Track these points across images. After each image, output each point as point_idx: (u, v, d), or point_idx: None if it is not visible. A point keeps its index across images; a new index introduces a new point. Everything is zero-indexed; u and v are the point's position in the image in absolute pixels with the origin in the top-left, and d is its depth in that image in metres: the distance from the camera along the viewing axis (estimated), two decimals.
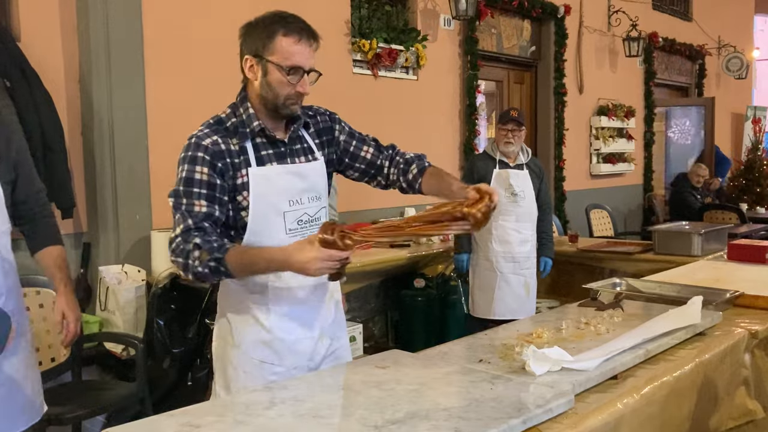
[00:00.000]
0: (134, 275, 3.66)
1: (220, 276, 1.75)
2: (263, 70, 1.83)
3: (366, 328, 4.57)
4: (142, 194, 3.83)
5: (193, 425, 1.40)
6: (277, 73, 1.81)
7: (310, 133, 1.98)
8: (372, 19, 5.28)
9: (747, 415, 2.12)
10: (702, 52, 9.56)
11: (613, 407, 1.58)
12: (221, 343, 1.95)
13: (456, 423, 1.37)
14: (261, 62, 1.83)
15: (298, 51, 1.81)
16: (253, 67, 1.84)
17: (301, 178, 1.90)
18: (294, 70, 1.82)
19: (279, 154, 1.89)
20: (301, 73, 1.83)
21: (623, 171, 8.12)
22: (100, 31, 3.64)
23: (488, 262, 4.06)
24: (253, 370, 1.88)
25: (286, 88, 1.82)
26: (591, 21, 7.45)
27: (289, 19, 1.83)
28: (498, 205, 1.73)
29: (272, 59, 1.81)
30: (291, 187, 1.88)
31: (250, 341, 1.89)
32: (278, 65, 1.81)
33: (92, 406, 2.95)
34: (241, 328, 1.90)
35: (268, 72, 1.82)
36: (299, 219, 1.89)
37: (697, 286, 2.59)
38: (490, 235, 4.05)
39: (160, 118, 3.89)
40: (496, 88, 6.74)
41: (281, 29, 1.81)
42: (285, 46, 1.80)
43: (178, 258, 1.76)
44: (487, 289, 4.07)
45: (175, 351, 3.43)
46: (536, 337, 1.99)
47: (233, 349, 1.90)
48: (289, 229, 1.87)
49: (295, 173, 1.89)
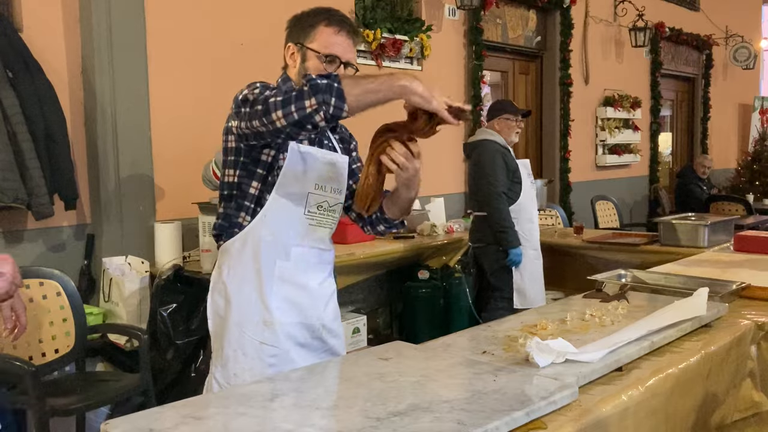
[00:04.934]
0: (138, 266, 3.66)
1: (326, 109, 1.57)
2: (302, 56, 1.90)
3: (370, 319, 4.56)
4: (146, 185, 3.83)
5: (195, 416, 1.40)
6: (315, 60, 1.88)
7: (334, 137, 2.02)
8: (376, 9, 5.25)
9: (753, 408, 2.10)
10: (709, 42, 9.49)
11: (617, 399, 1.57)
12: (219, 322, 1.95)
13: (459, 415, 1.36)
14: (301, 49, 1.90)
15: (337, 42, 1.89)
16: (294, 54, 1.92)
17: (331, 166, 1.93)
18: (331, 59, 1.87)
19: (311, 140, 1.92)
20: (338, 63, 1.88)
21: (629, 162, 8.08)
22: (102, 22, 3.62)
23: (535, 252, 4.13)
24: (252, 351, 1.89)
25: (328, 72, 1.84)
26: (597, 11, 7.40)
27: (333, 12, 1.93)
28: None
29: (312, 46, 1.88)
30: (320, 172, 1.90)
31: (252, 321, 1.89)
32: (317, 52, 1.87)
33: (96, 398, 2.95)
34: (244, 307, 1.89)
35: (306, 58, 1.89)
36: (320, 204, 1.92)
37: (702, 278, 2.57)
38: (532, 224, 4.13)
39: (163, 109, 3.88)
40: (501, 79, 6.70)
41: (324, 20, 1.90)
42: (325, 36, 1.88)
43: (272, 96, 1.63)
44: (537, 279, 4.14)
45: (178, 342, 3.43)
46: (540, 328, 1.98)
47: (235, 327, 1.90)
48: (308, 211, 1.90)
49: (328, 161, 1.92)
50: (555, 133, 7.02)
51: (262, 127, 1.66)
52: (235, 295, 1.91)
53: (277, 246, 1.87)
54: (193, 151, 3.83)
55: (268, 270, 1.87)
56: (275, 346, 1.88)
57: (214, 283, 1.97)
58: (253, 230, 1.87)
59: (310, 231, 1.91)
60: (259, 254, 1.87)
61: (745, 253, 3.30)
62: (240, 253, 1.89)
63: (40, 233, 3.50)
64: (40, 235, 3.53)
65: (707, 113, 9.74)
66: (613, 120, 7.67)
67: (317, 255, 1.94)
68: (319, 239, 1.94)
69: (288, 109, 1.60)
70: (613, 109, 7.59)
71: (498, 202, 3.99)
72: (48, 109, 3.40)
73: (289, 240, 1.88)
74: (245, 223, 1.89)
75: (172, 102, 3.91)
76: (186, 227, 3.83)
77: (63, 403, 2.82)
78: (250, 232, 1.88)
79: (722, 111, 10.10)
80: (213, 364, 1.97)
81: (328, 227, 1.96)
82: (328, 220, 1.94)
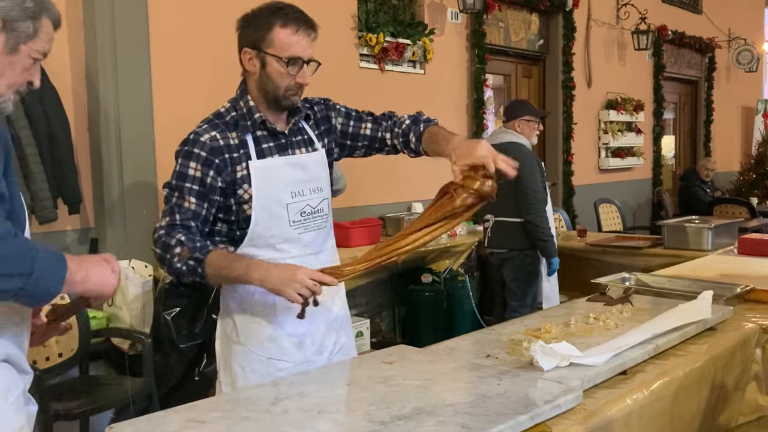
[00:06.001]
0: (141, 270, 3.66)
1: (196, 276, 1.76)
2: (262, 62, 1.82)
3: (373, 323, 4.56)
4: (149, 189, 3.83)
5: (199, 421, 1.40)
6: (276, 65, 1.81)
7: (311, 125, 1.97)
8: (379, 12, 5.26)
9: (758, 411, 2.10)
10: (712, 45, 9.48)
11: (622, 403, 1.56)
12: (225, 342, 1.94)
13: (463, 419, 1.35)
14: (259, 54, 1.82)
15: (296, 41, 1.80)
16: (252, 60, 1.83)
17: (303, 169, 1.89)
18: (293, 61, 1.81)
19: (279, 146, 1.88)
20: (300, 63, 1.82)
21: (632, 165, 8.07)
22: (106, 27, 3.63)
23: None
24: (260, 367, 1.87)
25: (286, 80, 1.81)
26: (599, 14, 7.40)
27: (286, 10, 1.82)
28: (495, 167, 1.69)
29: (270, 51, 1.80)
30: (292, 178, 1.87)
31: (256, 339, 1.88)
32: (277, 57, 1.80)
33: (99, 402, 2.96)
34: (247, 326, 1.89)
35: (266, 64, 1.82)
36: (302, 210, 1.89)
37: (707, 281, 2.56)
38: (552, 228, 4.09)
39: (166, 113, 3.88)
40: (503, 82, 6.70)
41: (278, 20, 1.80)
42: (283, 38, 1.80)
43: (158, 250, 1.78)
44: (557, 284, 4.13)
45: (182, 346, 3.43)
46: (544, 332, 1.98)
47: (239, 347, 1.89)
48: (293, 221, 1.87)
49: (296, 164, 1.88)
50: (558, 137, 7.01)
51: None
52: (238, 316, 1.90)
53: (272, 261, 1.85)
54: None
55: None
56: (283, 360, 1.88)
57: (222, 304, 1.97)
58: (245, 249, 1.86)
59: (300, 239, 1.89)
60: None
61: (749, 256, 3.28)
62: None
63: (43, 237, 3.51)
64: (44, 239, 3.53)
65: (710, 116, 9.72)
66: (615, 123, 7.66)
67: (314, 260, 1.90)
68: (311, 244, 1.91)
69: (164, 267, 1.80)
70: (615, 112, 7.59)
71: (542, 210, 3.92)
72: (52, 114, 3.40)
73: (282, 255, 1.85)
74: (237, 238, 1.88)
75: (175, 106, 3.91)
76: None
77: (67, 407, 2.82)
78: (243, 250, 1.86)
79: (725, 114, 10.08)
80: (221, 383, 1.95)
81: (317, 229, 1.93)
82: (316, 222, 1.91)
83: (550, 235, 3.94)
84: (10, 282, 1.22)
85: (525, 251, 4.00)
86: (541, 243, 3.93)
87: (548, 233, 3.93)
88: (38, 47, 1.41)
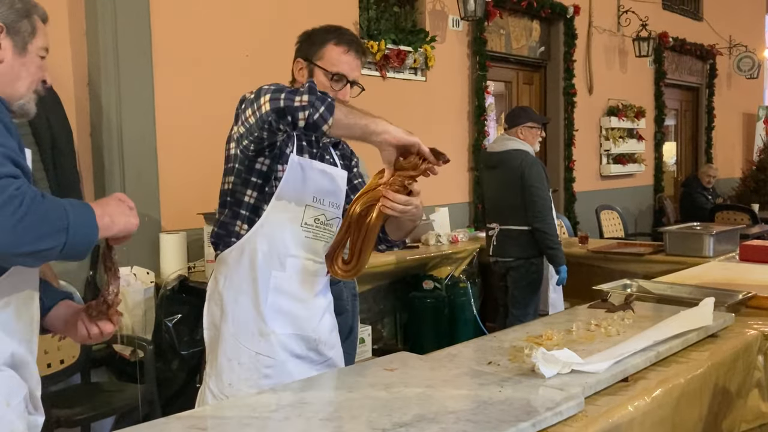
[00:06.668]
0: (143, 277, 3.66)
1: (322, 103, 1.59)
2: (310, 72, 1.94)
3: (375, 329, 4.56)
4: (151, 196, 3.84)
5: (200, 427, 1.40)
6: (321, 77, 1.92)
7: (336, 153, 2.04)
8: (380, 20, 5.27)
9: (760, 418, 2.09)
10: (713, 51, 9.50)
11: (623, 410, 1.56)
12: (214, 332, 1.94)
13: (464, 426, 1.35)
14: (309, 66, 1.95)
15: (345, 61, 1.94)
16: (302, 70, 1.97)
17: (330, 180, 1.94)
18: (338, 77, 1.93)
19: (313, 153, 1.94)
20: (344, 81, 1.94)
21: (634, 172, 8.07)
22: (108, 34, 3.65)
23: None
24: (248, 361, 1.88)
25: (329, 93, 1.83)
26: (600, 21, 7.42)
27: (343, 31, 1.97)
28: None
29: (320, 63, 1.93)
30: (319, 185, 1.91)
31: (248, 332, 1.88)
32: (324, 70, 1.93)
33: (101, 408, 2.96)
34: (239, 317, 1.89)
35: (314, 75, 1.93)
36: (316, 217, 1.91)
37: (708, 288, 2.56)
38: None
39: (168, 120, 3.89)
40: (505, 89, 6.72)
41: (333, 38, 1.94)
42: (334, 54, 1.93)
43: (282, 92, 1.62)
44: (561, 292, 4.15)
45: (183, 353, 3.43)
46: (546, 339, 1.97)
47: (230, 337, 1.90)
48: (305, 223, 1.90)
49: (327, 174, 1.93)
50: (559, 143, 7.02)
51: (252, 117, 1.68)
52: (230, 305, 1.90)
53: (273, 256, 1.87)
54: (199, 162, 3.84)
55: (264, 280, 1.87)
56: (271, 357, 1.88)
57: (210, 293, 1.97)
58: (250, 240, 1.87)
59: (306, 243, 1.90)
60: (255, 264, 1.87)
61: (750, 263, 3.28)
62: (237, 262, 1.89)
63: None
64: None
65: (711, 122, 9.73)
66: (617, 130, 7.67)
67: (313, 267, 1.93)
68: (314, 252, 1.93)
69: (277, 95, 1.61)
70: (617, 118, 7.60)
71: (550, 217, 3.89)
72: (54, 120, 3.41)
73: (286, 251, 1.87)
74: (242, 231, 1.89)
75: (177, 113, 3.92)
76: (191, 238, 3.83)
77: (68, 414, 2.82)
78: (247, 241, 1.88)
79: (727, 120, 10.10)
80: (207, 375, 1.95)
81: (324, 241, 1.95)
82: (324, 234, 1.93)
83: (558, 242, 3.92)
84: (55, 239, 1.24)
85: (531, 260, 3.98)
86: (549, 251, 3.90)
87: (557, 241, 3.91)
88: (40, 44, 1.47)
